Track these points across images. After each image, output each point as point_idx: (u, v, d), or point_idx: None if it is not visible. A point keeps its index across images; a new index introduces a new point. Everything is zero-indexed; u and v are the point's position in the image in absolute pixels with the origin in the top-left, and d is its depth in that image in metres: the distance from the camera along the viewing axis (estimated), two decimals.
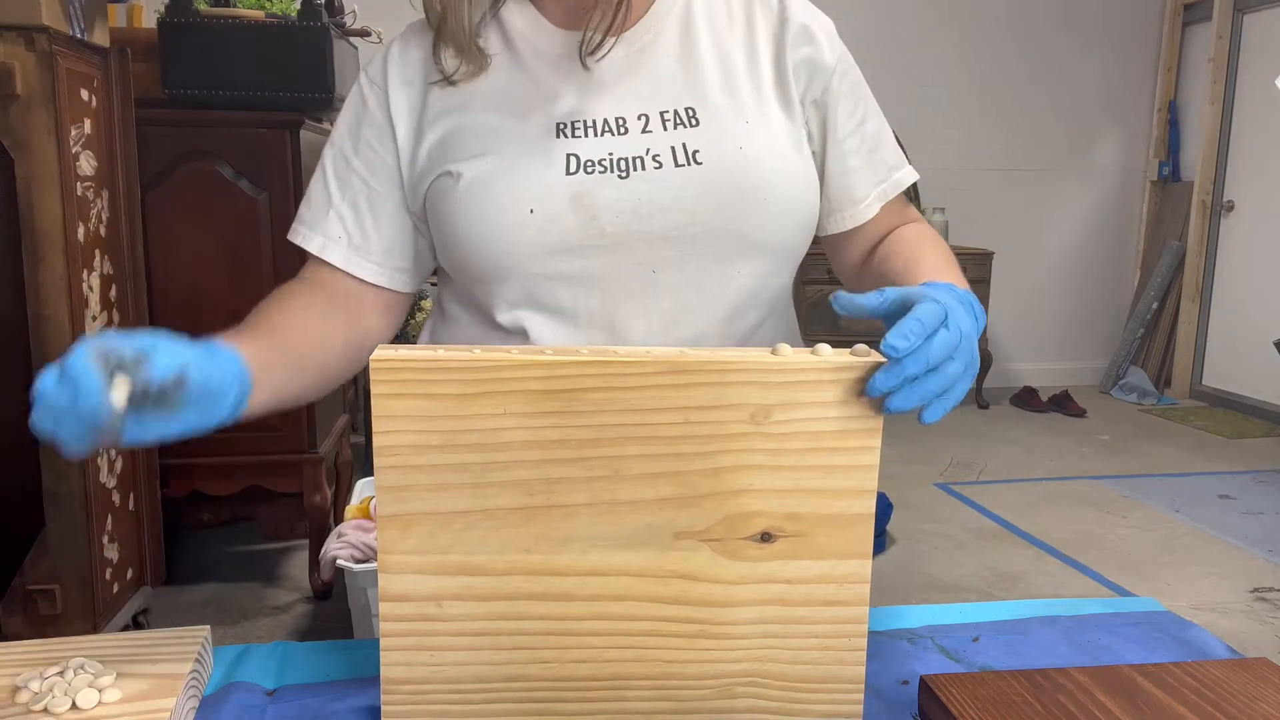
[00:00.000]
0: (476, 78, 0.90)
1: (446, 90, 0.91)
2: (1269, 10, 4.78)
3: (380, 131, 0.93)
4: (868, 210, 0.96)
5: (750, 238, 0.88)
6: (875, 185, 0.96)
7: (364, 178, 0.94)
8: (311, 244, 0.95)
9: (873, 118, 0.97)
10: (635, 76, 0.89)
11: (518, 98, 0.90)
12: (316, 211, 0.95)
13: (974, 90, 5.10)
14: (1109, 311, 5.52)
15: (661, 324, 0.89)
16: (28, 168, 1.79)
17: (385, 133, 0.93)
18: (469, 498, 0.66)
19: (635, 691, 0.70)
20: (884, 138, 0.98)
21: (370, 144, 0.93)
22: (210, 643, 0.80)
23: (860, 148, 0.95)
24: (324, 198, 0.95)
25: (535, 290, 0.88)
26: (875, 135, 0.97)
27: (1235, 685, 0.74)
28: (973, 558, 3.03)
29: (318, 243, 0.94)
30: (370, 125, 0.93)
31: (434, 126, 0.91)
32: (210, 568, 2.82)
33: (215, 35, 2.36)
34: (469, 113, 0.90)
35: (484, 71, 0.90)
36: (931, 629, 0.90)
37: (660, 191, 0.86)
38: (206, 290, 2.47)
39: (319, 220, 0.95)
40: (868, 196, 0.96)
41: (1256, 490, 3.70)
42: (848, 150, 0.95)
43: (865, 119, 0.96)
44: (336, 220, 0.94)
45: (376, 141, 0.93)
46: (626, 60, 0.90)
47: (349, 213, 0.94)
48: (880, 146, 0.97)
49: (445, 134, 0.90)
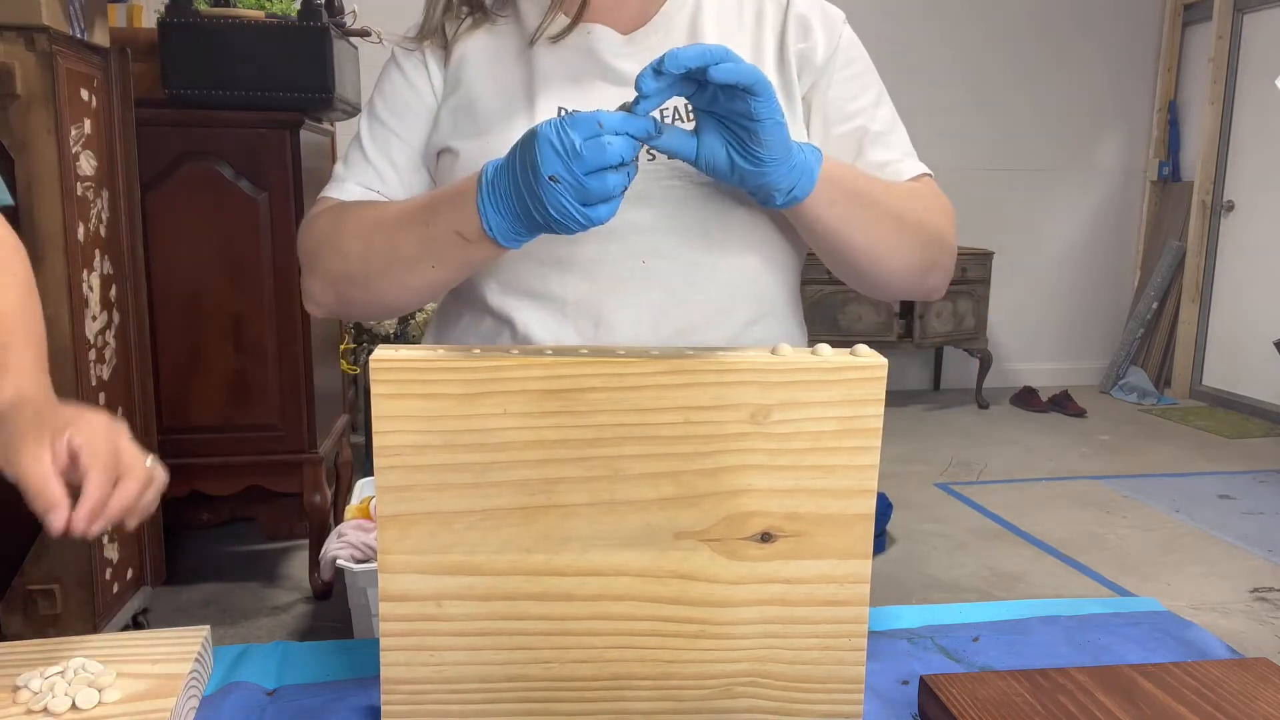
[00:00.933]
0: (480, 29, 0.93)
1: (463, 63, 0.93)
2: (1269, 10, 4.77)
3: (417, 90, 0.94)
4: None
5: (740, 232, 0.89)
6: (878, 169, 0.94)
7: (400, 136, 0.94)
8: (350, 194, 0.94)
9: (885, 110, 0.95)
10: (637, 68, 0.90)
11: (523, 85, 0.91)
12: (352, 169, 0.96)
13: (974, 90, 5.10)
14: (1109, 311, 5.52)
15: (651, 315, 0.89)
16: (28, 168, 1.79)
17: (424, 84, 0.94)
18: (469, 498, 0.66)
19: (635, 691, 0.70)
20: (895, 134, 0.96)
21: (406, 101, 0.94)
22: (210, 643, 0.80)
23: (865, 127, 0.93)
24: (359, 157, 0.95)
25: (525, 275, 0.89)
26: (888, 121, 0.95)
27: (1235, 685, 0.74)
28: (973, 558, 3.03)
29: (358, 191, 0.94)
30: (406, 84, 0.95)
31: (453, 94, 0.93)
32: (210, 568, 2.82)
33: (215, 35, 2.35)
34: (477, 92, 0.92)
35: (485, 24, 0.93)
36: (931, 629, 0.90)
37: (651, 182, 0.87)
38: (206, 290, 2.47)
39: (354, 174, 0.95)
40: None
41: (1256, 490, 3.70)
42: (843, 133, 0.93)
43: (878, 104, 0.95)
44: (373, 173, 0.94)
45: (414, 98, 0.94)
46: (634, 59, 0.90)
47: (386, 167, 0.94)
48: (890, 133, 0.95)
49: (457, 106, 0.92)
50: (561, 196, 0.69)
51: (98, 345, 2.00)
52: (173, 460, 1.96)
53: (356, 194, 0.93)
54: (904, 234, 0.89)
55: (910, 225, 0.89)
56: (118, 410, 2.09)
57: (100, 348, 2.01)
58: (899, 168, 0.94)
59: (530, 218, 0.72)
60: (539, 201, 0.70)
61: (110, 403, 2.05)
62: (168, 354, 2.48)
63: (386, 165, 0.94)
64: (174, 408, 2.49)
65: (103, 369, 2.02)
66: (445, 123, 0.93)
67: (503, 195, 0.74)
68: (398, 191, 0.94)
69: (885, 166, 0.93)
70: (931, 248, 0.91)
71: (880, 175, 0.92)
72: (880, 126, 0.94)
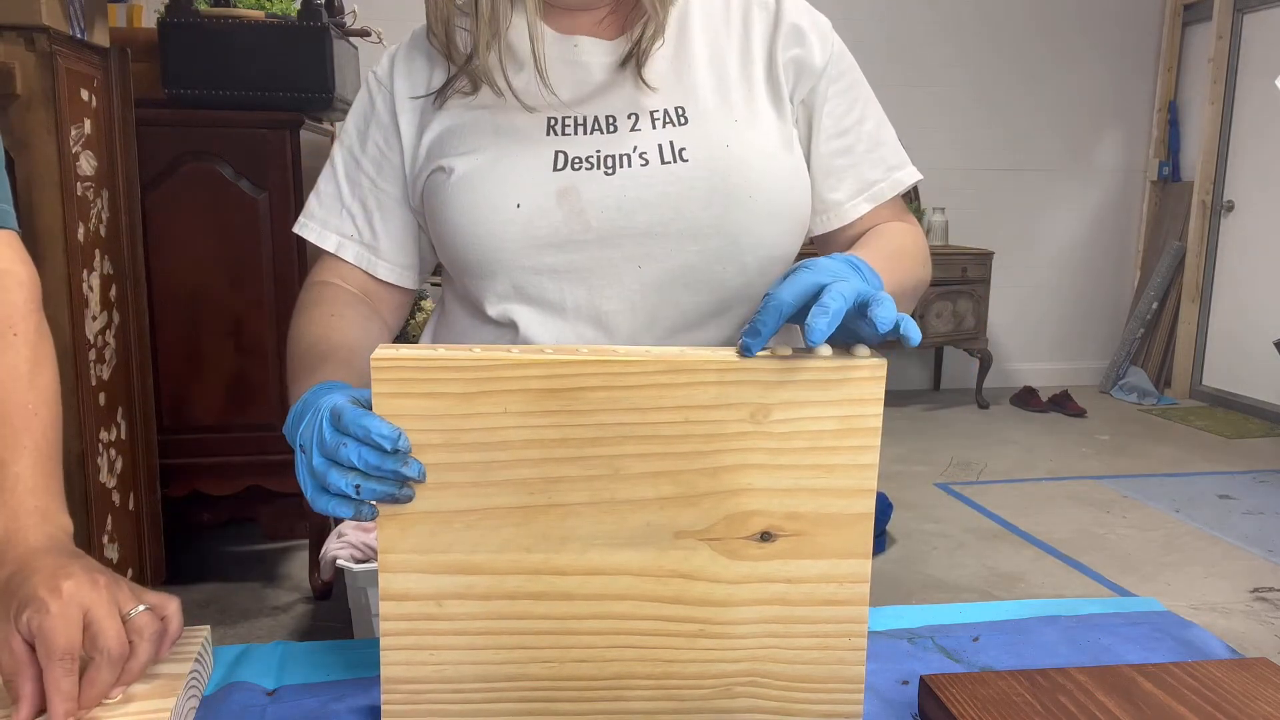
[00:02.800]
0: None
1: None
2: (1269, 10, 4.77)
3: (387, 133, 0.95)
4: (853, 210, 0.96)
5: (735, 235, 0.89)
6: (868, 185, 0.96)
7: (372, 178, 0.96)
8: (327, 242, 0.97)
9: (871, 118, 0.97)
10: (629, 77, 0.90)
11: (512, 97, 0.90)
12: (328, 209, 0.97)
13: (974, 90, 5.10)
14: (1109, 311, 5.52)
15: (648, 318, 0.89)
16: (28, 168, 1.79)
17: (391, 133, 0.94)
18: (469, 497, 0.66)
19: (635, 691, 0.70)
20: (883, 138, 0.97)
21: (378, 145, 0.95)
22: (210, 643, 0.80)
23: (853, 147, 0.95)
24: (335, 195, 0.97)
25: (523, 284, 0.89)
26: (873, 135, 0.96)
27: (1235, 685, 0.74)
28: (973, 558, 3.03)
29: (334, 241, 0.96)
30: (377, 127, 0.95)
31: (433, 125, 0.92)
32: (210, 568, 2.82)
33: (215, 35, 2.36)
34: (464, 110, 0.91)
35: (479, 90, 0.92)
36: (931, 629, 0.90)
37: (646, 187, 0.87)
38: (206, 290, 2.47)
39: (331, 217, 0.97)
40: (855, 197, 0.95)
41: (1256, 490, 3.70)
42: (835, 150, 0.95)
43: (863, 119, 0.96)
44: (348, 218, 0.96)
45: (383, 142, 0.95)
46: (621, 62, 0.90)
47: (359, 211, 0.96)
48: (878, 146, 0.97)
49: (442, 131, 0.92)
50: (301, 467, 0.69)
51: (98, 345, 2.00)
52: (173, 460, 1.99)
53: (333, 244, 0.96)
54: (917, 295, 0.96)
55: (919, 286, 0.95)
56: (118, 410, 2.10)
57: (100, 348, 2.01)
58: (897, 176, 0.97)
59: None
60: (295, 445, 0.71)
61: (110, 403, 2.05)
62: (168, 354, 2.48)
63: (359, 210, 0.96)
64: (174, 408, 2.49)
65: (103, 369, 2.02)
66: (432, 149, 0.92)
67: (294, 417, 0.74)
68: (379, 239, 0.96)
69: (874, 185, 0.96)
70: (920, 290, 0.97)
71: (870, 193, 0.96)
72: (868, 143, 0.96)
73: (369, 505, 0.66)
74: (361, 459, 0.64)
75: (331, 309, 0.93)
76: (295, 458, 0.70)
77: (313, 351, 0.87)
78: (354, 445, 0.64)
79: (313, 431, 0.67)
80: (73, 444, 1.89)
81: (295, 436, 0.71)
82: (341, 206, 0.96)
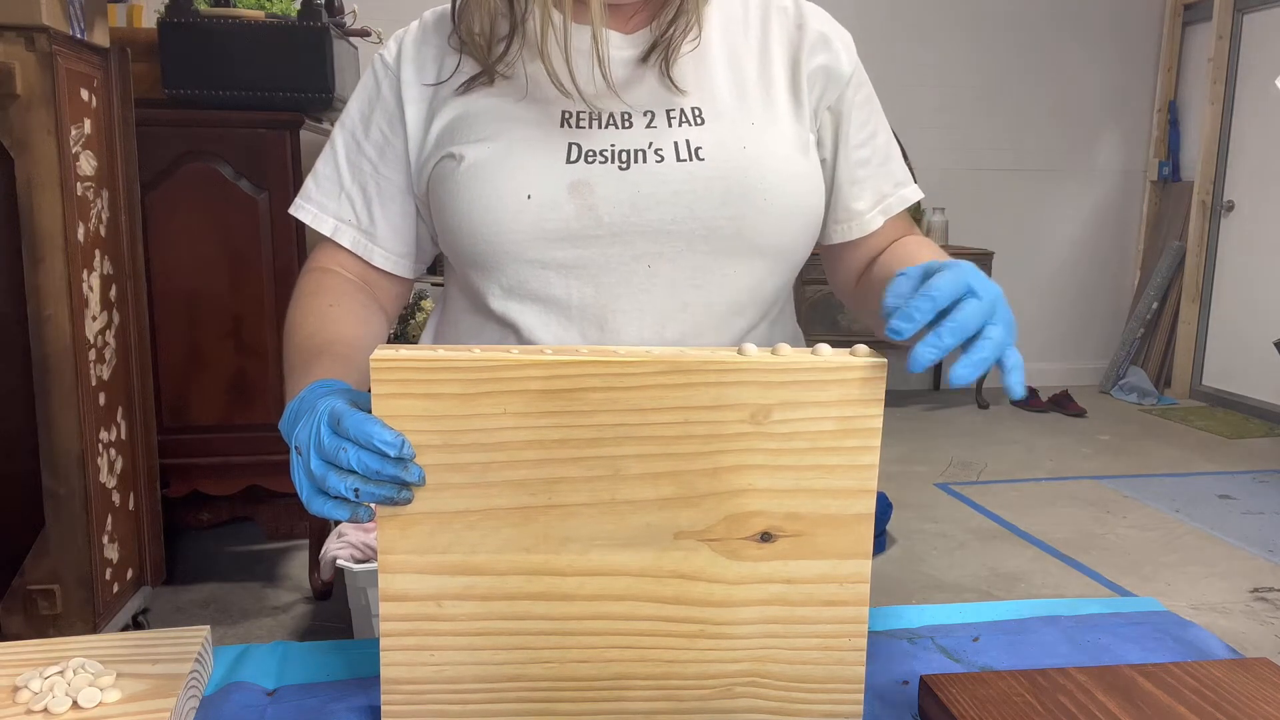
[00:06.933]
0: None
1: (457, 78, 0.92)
2: (1269, 10, 4.77)
3: (392, 118, 0.94)
4: (872, 222, 0.97)
5: (748, 237, 0.88)
6: (881, 199, 0.97)
7: (374, 162, 0.95)
8: (324, 225, 0.96)
9: (883, 132, 0.98)
10: (648, 73, 0.90)
11: (527, 87, 0.90)
12: (326, 192, 0.96)
13: (974, 90, 5.11)
14: (1109, 311, 5.52)
15: (655, 320, 0.89)
16: (28, 168, 1.79)
17: (396, 119, 0.93)
18: (469, 498, 0.66)
19: (635, 691, 0.70)
20: (892, 152, 0.98)
21: (381, 130, 0.94)
22: (210, 643, 0.80)
23: (870, 159, 0.96)
24: (333, 178, 0.96)
25: (529, 278, 0.88)
26: (885, 149, 0.97)
27: (1235, 685, 0.74)
28: (973, 558, 3.03)
29: (330, 224, 0.96)
30: (382, 112, 0.94)
31: (443, 112, 0.91)
32: (210, 568, 2.82)
33: (215, 35, 2.36)
34: (478, 98, 0.90)
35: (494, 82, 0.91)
36: (931, 629, 0.90)
37: (660, 185, 0.86)
38: (206, 290, 2.47)
39: (328, 201, 0.96)
40: (873, 209, 0.96)
41: (1256, 490, 3.70)
42: (858, 161, 0.95)
43: (876, 133, 0.97)
44: (346, 202, 0.95)
45: (387, 127, 0.94)
46: (638, 59, 0.90)
47: (358, 195, 0.95)
48: (889, 160, 0.98)
49: (453, 118, 0.91)
50: (297, 467, 0.69)
51: (98, 345, 2.00)
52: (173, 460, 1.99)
53: (329, 228, 0.95)
54: None
55: None
56: (117, 410, 2.10)
57: (100, 348, 2.01)
58: (904, 193, 0.98)
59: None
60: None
61: (110, 403, 2.05)
62: (168, 354, 2.48)
63: (358, 194, 0.95)
64: (174, 408, 2.49)
65: (103, 369, 2.02)
66: (441, 136, 0.91)
67: (290, 415, 0.73)
68: (376, 225, 0.95)
69: (886, 198, 0.97)
70: None
71: (883, 205, 0.97)
72: (881, 156, 0.97)
73: (366, 507, 0.66)
74: (361, 464, 0.64)
75: (330, 298, 0.92)
76: (290, 457, 0.70)
77: (309, 344, 0.86)
78: (354, 450, 0.64)
79: (310, 434, 0.67)
80: (73, 444, 1.89)
81: (291, 435, 0.71)
82: (340, 190, 0.95)
